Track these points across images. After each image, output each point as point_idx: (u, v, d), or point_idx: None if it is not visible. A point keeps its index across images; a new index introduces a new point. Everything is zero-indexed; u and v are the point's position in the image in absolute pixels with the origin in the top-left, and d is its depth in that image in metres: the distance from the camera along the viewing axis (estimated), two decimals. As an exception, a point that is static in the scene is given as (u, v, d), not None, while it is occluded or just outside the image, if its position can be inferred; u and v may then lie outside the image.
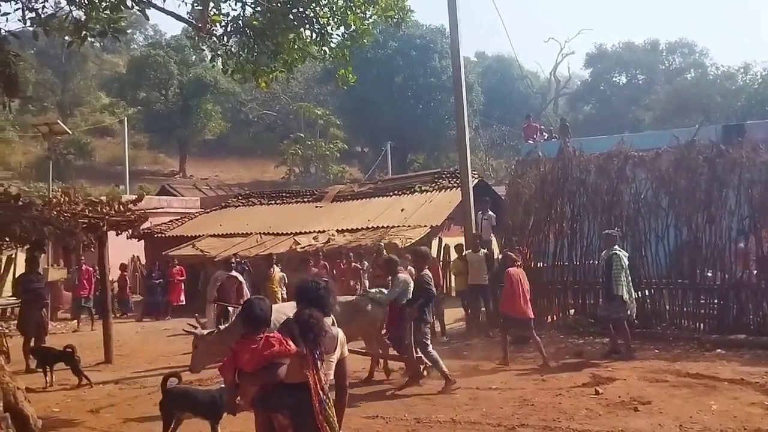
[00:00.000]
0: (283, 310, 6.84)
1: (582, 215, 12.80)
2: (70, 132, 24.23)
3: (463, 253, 13.65)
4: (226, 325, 8.52)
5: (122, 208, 11.39)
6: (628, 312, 10.55)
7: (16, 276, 15.79)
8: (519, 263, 11.27)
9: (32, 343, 11.58)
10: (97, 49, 65.63)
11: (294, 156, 48.91)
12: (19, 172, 45.12)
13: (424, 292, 9.15)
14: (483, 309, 13.28)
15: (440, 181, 21.42)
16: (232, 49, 10.44)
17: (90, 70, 60.86)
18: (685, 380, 8.75)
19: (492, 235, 14.80)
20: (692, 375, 8.96)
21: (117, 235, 12.39)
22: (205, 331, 7.87)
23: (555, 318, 12.95)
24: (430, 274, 9.49)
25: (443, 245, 18.97)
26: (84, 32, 7.18)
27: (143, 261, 24.47)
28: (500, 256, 12.44)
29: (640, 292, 12.05)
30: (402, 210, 20.09)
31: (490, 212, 15.01)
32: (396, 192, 21.93)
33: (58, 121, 19.78)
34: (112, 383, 10.46)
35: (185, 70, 53.25)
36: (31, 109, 51.63)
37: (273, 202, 24.60)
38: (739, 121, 24.48)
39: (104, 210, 11.03)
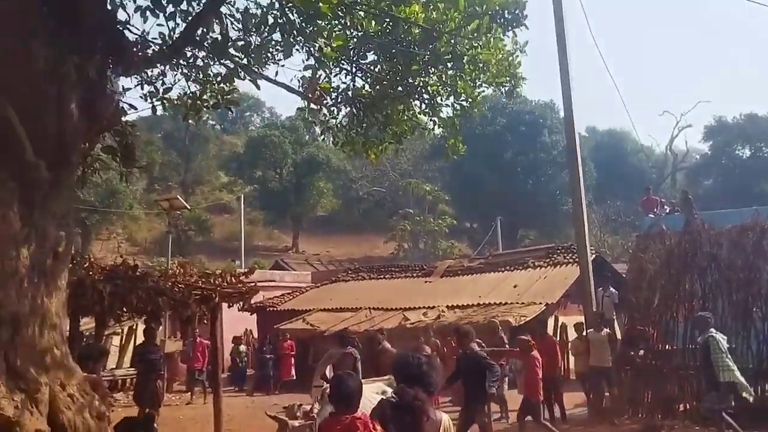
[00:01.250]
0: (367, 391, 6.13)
1: (714, 293, 11.74)
2: (189, 207, 25.36)
3: (584, 333, 12.81)
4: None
5: (233, 281, 11.43)
6: (740, 397, 9.43)
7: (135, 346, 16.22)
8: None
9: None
10: (218, 131, 69.63)
11: (403, 232, 49.13)
12: (144, 247, 47.59)
13: (490, 367, 8.76)
14: (606, 394, 12.29)
15: (554, 256, 20.59)
16: (342, 122, 10.51)
17: (210, 150, 64.25)
18: None
19: (614, 313, 13.86)
20: None
21: (229, 307, 12.46)
22: (296, 423, 7.08)
23: (687, 407, 11.75)
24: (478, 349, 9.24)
25: (560, 324, 18.07)
26: (198, 104, 7.34)
27: (255, 334, 24.72)
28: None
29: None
30: (515, 286, 19.39)
31: (612, 289, 14.11)
32: (508, 267, 21.24)
33: (178, 197, 20.73)
34: (218, 459, 10.28)
35: (299, 149, 55.26)
36: (157, 188, 54.87)
37: (382, 276, 24.44)
38: None
39: (217, 282, 11.10)
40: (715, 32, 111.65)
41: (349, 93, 10.17)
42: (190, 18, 6.37)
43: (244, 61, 6.81)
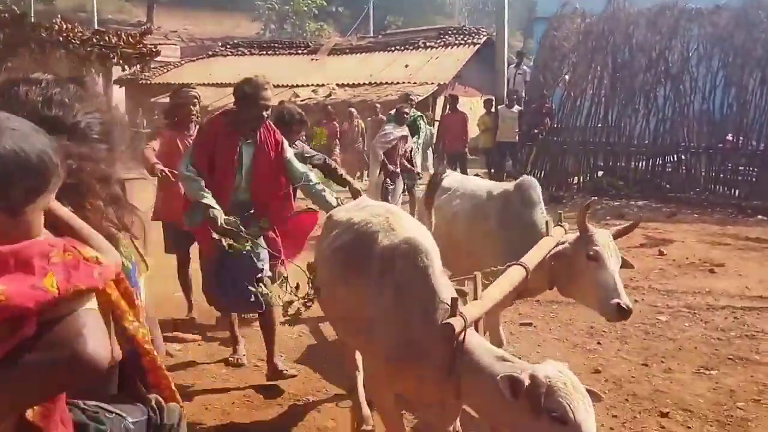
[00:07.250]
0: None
1: (623, 73, 11.97)
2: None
3: (492, 109, 12.88)
4: None
5: (132, 41, 10.26)
6: None
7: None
8: None
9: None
10: None
11: (270, 11, 46.37)
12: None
13: None
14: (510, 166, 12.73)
15: (446, 37, 20.24)
16: None
17: None
18: (748, 243, 8.42)
19: (524, 91, 13.92)
20: (752, 239, 8.64)
21: (123, 70, 11.33)
22: None
23: (583, 180, 12.42)
24: None
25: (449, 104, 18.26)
26: None
27: (123, 110, 23.11)
28: None
29: (675, 156, 11.68)
30: (407, 66, 19.07)
31: (525, 67, 14.09)
32: (398, 47, 20.69)
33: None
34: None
35: None
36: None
37: (264, 53, 23.11)
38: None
39: (113, 41, 9.90)
40: None
41: None
42: None
43: None
